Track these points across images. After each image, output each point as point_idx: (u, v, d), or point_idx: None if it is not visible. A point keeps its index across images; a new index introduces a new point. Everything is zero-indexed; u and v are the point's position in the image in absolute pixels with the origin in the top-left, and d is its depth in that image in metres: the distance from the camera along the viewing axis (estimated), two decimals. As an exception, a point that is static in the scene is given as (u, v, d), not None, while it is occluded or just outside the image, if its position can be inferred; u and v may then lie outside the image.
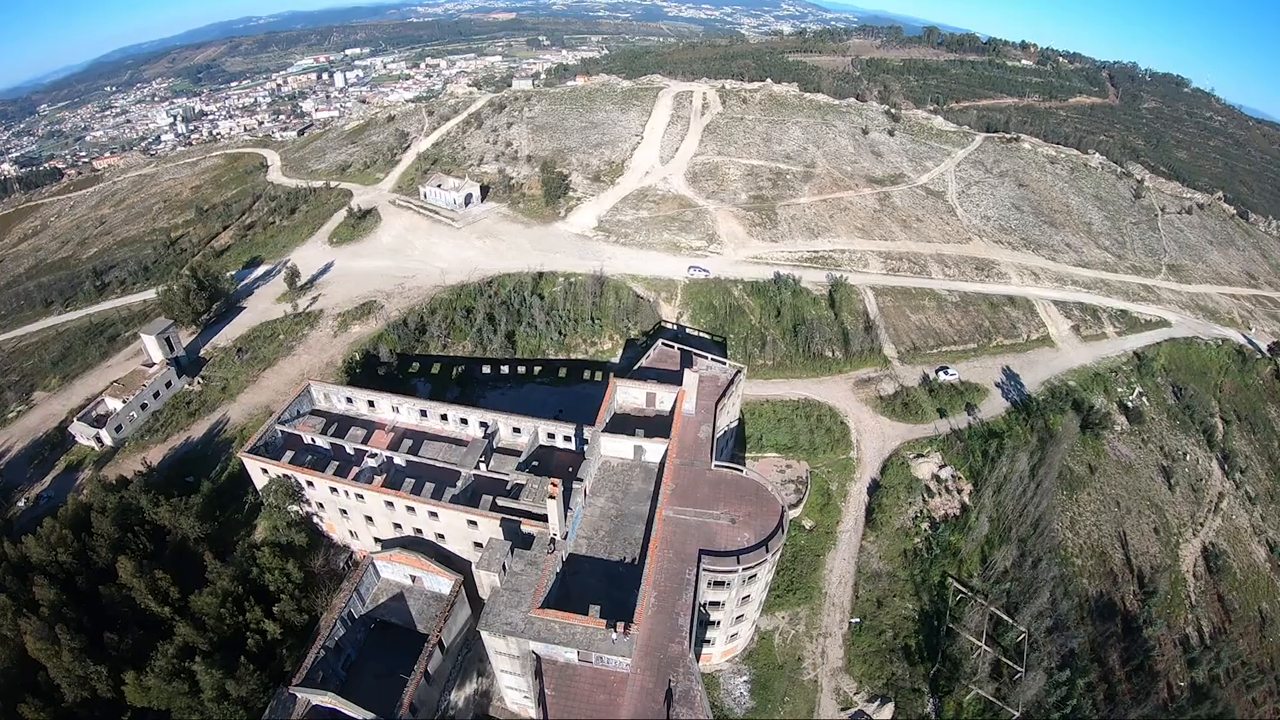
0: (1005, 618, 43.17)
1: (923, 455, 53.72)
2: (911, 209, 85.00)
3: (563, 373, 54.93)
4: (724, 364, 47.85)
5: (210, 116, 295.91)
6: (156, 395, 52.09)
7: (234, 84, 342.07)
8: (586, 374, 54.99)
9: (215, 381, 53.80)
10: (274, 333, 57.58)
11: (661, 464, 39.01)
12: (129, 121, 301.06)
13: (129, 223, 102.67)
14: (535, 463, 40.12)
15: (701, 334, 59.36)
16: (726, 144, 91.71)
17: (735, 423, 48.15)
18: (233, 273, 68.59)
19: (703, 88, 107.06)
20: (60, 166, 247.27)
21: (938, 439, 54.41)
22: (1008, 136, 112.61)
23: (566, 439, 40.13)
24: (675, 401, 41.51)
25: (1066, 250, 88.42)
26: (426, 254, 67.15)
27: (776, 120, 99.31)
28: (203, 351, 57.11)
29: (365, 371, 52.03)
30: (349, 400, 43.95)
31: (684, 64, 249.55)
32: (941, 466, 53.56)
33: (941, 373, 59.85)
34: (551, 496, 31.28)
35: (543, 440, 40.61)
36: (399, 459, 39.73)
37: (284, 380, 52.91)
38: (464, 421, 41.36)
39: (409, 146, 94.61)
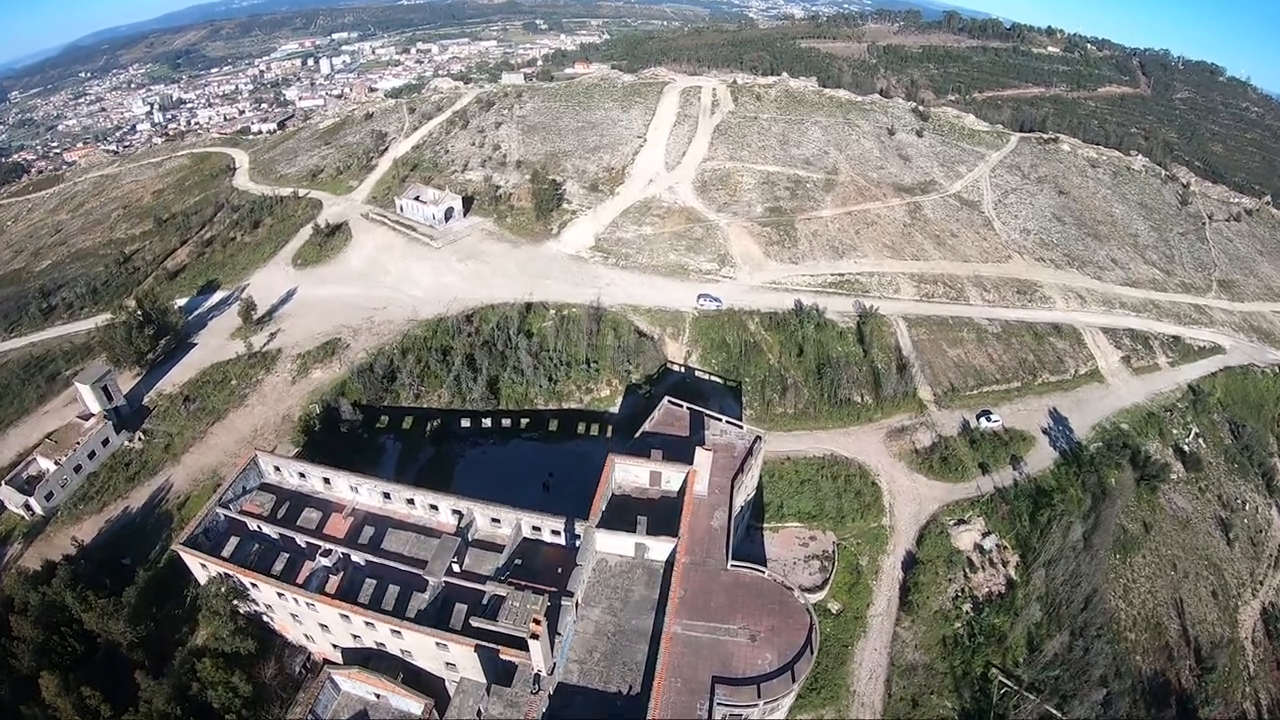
0: (1056, 716, 37.80)
1: (964, 521, 47.88)
2: (945, 222, 77.94)
3: (554, 425, 48.75)
4: (741, 427, 41.62)
5: (189, 105, 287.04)
6: (92, 455, 46.24)
7: (214, 70, 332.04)
8: (581, 426, 48.80)
9: (158, 438, 47.81)
10: (226, 377, 51.43)
11: (668, 564, 33.15)
12: (104, 110, 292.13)
13: (85, 231, 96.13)
14: (519, 560, 34.19)
15: (713, 377, 52.99)
16: (739, 147, 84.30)
17: (753, 494, 42.19)
18: (185, 300, 62.25)
19: (712, 83, 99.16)
20: (30, 158, 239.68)
21: (980, 500, 48.76)
22: (1045, 137, 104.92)
23: (555, 532, 34.10)
24: (684, 481, 35.47)
25: (1112, 267, 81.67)
26: (400, 279, 60.50)
27: (794, 120, 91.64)
28: (146, 399, 51.04)
29: (326, 428, 45.90)
30: (302, 475, 37.93)
31: (689, 51, 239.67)
32: (985, 534, 47.76)
33: (984, 419, 54.15)
34: (534, 635, 25.37)
35: (527, 533, 34.59)
36: (358, 557, 33.82)
37: (234, 438, 46.98)
38: (434, 508, 35.34)
39: (386, 149, 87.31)
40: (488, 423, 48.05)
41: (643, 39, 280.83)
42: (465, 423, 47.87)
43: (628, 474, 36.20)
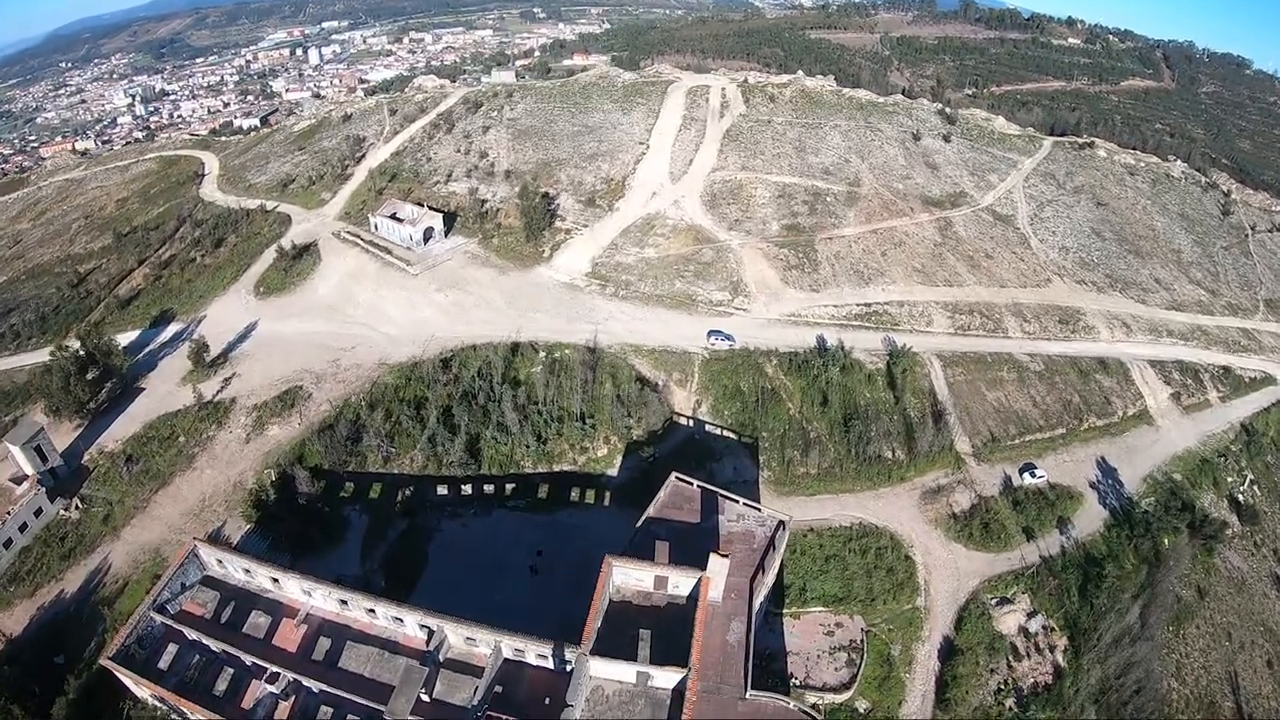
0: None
1: (1007, 600, 42.66)
2: (979, 241, 71.43)
3: (544, 491, 42.86)
4: (760, 511, 35.73)
5: (172, 97, 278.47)
6: (24, 527, 40.57)
7: (199, 60, 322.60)
8: (575, 492, 42.90)
9: (97, 506, 42.10)
10: (173, 431, 45.61)
11: (676, 692, 27.52)
12: (84, 102, 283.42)
13: (44, 244, 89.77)
14: (499, 687, 28.52)
15: (726, 432, 47.00)
16: (752, 155, 77.47)
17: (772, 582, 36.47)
18: (135, 334, 56.17)
19: (721, 81, 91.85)
20: (6, 153, 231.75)
21: (1025, 573, 43.74)
22: (1080, 142, 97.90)
23: (541, 656, 28.35)
24: (695, 587, 29.71)
25: (1156, 288, 75.37)
26: (371, 313, 54.26)
27: (811, 123, 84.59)
28: (86, 457, 45.21)
29: (282, 499, 40.07)
30: (247, 571, 32.19)
31: (693, 41, 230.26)
32: (1030, 614, 42.54)
33: (1027, 474, 48.95)
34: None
35: (509, 654, 28.85)
36: (310, 683, 28.17)
37: (179, 509, 41.37)
38: (398, 620, 29.60)
39: (364, 156, 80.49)
40: (468, 489, 42.17)
41: (644, 29, 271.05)
42: (442, 490, 42.03)
43: (628, 578, 30.41)
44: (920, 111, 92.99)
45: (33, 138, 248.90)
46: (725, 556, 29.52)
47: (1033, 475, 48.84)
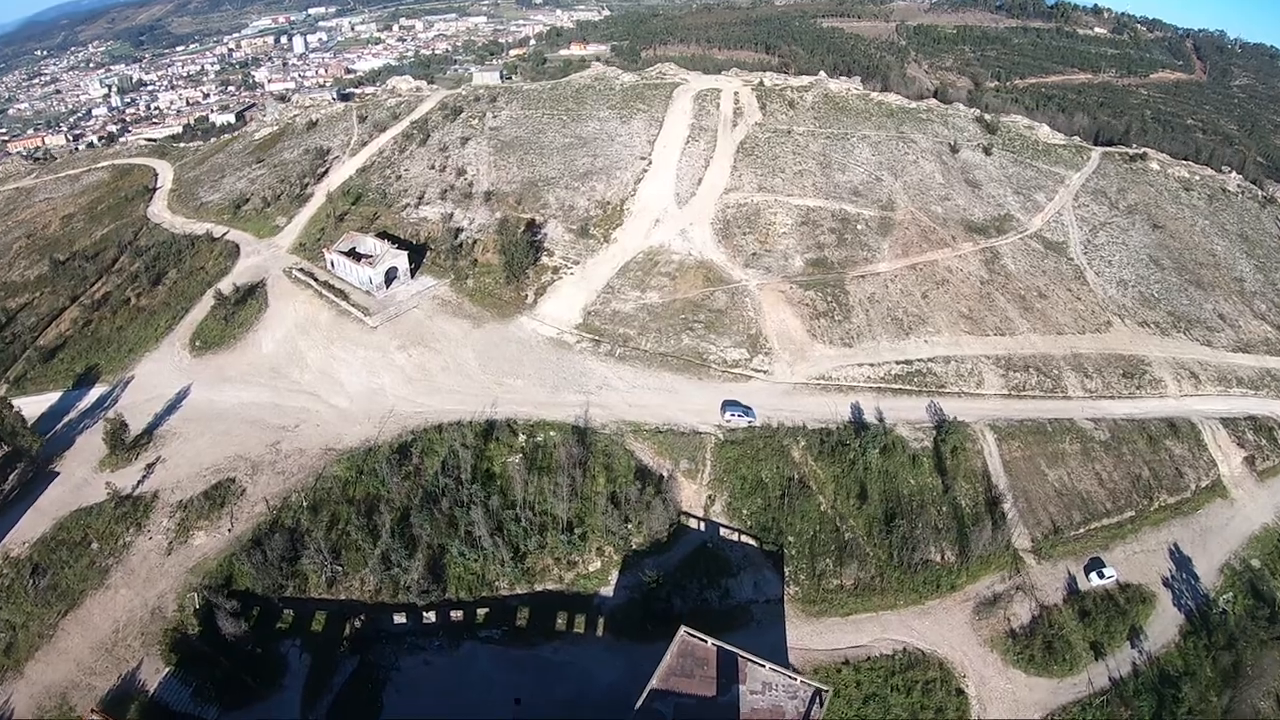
0: None
1: (1074, 742, 35.06)
2: (1030, 276, 62.47)
3: (523, 617, 34.79)
4: (793, 678, 27.69)
5: (150, 87, 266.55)
6: None
7: (180, 48, 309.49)
8: (561, 619, 34.80)
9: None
10: (86, 535, 37.78)
11: None
12: (59, 92, 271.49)
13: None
14: None
15: (744, 538, 38.72)
16: (770, 172, 67.98)
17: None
18: (56, 397, 47.90)
19: (734, 84, 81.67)
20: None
21: (1093, 703, 36.59)
22: (1130, 153, 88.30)
23: None
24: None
25: (1221, 326, 66.64)
26: (321, 379, 45.65)
27: (836, 134, 74.83)
28: (-14, 562, 37.28)
29: (208, 631, 32.16)
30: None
31: (698, 30, 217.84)
32: (1101, 758, 34.97)
33: (1095, 574, 41.96)
34: None
35: None
36: None
37: (90, 640, 33.72)
38: None
39: (327, 171, 71.06)
40: (431, 616, 34.19)
41: (646, 16, 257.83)
42: (399, 618, 34.02)
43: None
44: (956, 119, 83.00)
45: (3, 130, 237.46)
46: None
47: (1100, 575, 41.88)
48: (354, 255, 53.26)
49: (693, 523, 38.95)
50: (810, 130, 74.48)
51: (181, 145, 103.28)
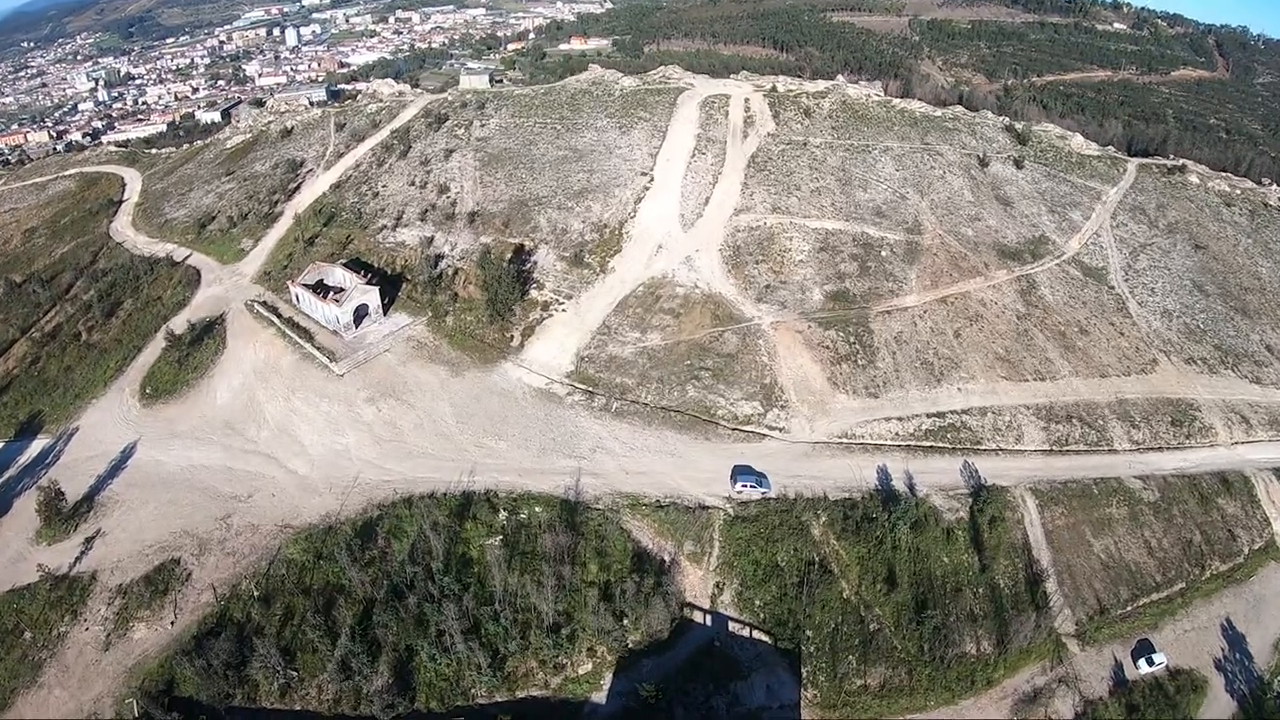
0: None
1: None
2: (1070, 309, 56.87)
3: (501, 735, 29.97)
4: None
5: (138, 81, 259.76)
6: None
7: (169, 40, 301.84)
8: (546, 737, 30.03)
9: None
10: (18, 622, 32.99)
11: None
12: (44, 86, 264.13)
13: (-67, 284, 75.80)
14: None
15: (756, 633, 33.57)
16: (785, 190, 62.12)
17: None
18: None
19: (744, 89, 75.38)
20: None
21: None
22: (1168, 165, 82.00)
23: None
24: None
25: (1269, 360, 61.03)
26: (279, 438, 40.41)
27: (857, 146, 68.76)
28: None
29: None
30: None
31: (703, 24, 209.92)
32: None
33: (1144, 660, 37.31)
34: None
35: None
36: None
37: None
38: None
39: (299, 186, 65.42)
40: (392, 735, 29.40)
41: (649, 10, 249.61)
42: (355, 737, 29.24)
43: None
44: (985, 128, 76.77)
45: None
46: None
47: (1150, 662, 37.24)
48: (321, 289, 47.78)
49: (698, 615, 33.81)
50: (828, 142, 68.36)
51: (153, 151, 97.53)
